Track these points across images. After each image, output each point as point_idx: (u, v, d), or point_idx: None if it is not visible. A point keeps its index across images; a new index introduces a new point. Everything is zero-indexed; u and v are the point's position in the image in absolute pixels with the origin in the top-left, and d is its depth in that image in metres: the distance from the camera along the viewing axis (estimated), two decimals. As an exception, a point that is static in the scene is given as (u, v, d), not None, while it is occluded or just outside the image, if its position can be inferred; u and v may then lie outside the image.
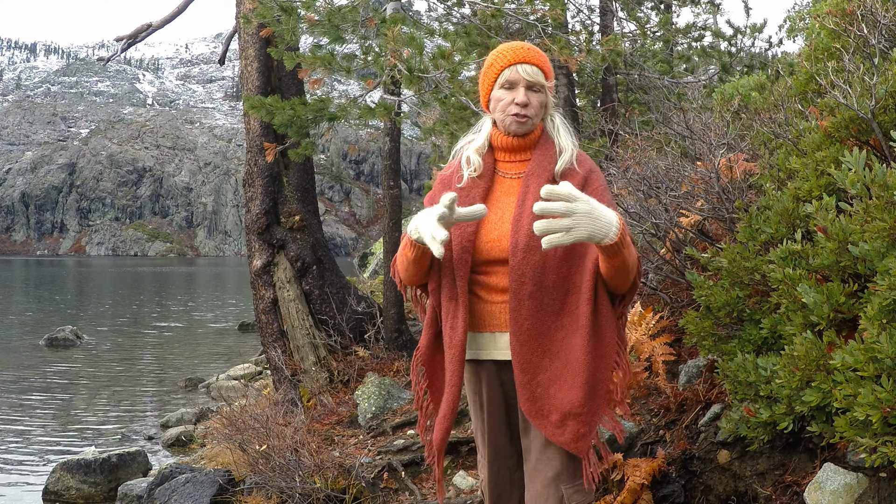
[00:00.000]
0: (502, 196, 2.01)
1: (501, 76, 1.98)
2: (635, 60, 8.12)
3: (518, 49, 1.99)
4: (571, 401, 1.87)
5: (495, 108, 2.02)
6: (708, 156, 3.69)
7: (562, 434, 1.87)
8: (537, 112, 2.00)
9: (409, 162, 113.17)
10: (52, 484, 5.78)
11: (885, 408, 1.83)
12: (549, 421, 1.89)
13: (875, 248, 2.01)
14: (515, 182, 2.02)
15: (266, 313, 6.89)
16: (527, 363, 1.89)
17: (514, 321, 1.89)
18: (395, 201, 7.09)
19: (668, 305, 4.10)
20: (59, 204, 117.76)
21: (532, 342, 1.89)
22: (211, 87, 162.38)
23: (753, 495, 2.83)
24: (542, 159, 2.00)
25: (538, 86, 1.98)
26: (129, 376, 11.39)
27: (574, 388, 1.87)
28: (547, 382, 1.89)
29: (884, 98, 2.58)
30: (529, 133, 2.02)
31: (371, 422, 5.22)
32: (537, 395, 1.89)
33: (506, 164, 2.06)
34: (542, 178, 1.96)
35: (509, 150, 2.04)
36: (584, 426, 1.87)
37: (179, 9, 8.67)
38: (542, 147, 2.02)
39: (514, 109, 1.97)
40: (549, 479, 1.91)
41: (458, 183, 2.03)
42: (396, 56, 5.24)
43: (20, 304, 24.85)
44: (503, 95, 1.99)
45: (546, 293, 1.89)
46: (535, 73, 1.97)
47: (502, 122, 2.01)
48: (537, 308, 1.89)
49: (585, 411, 1.88)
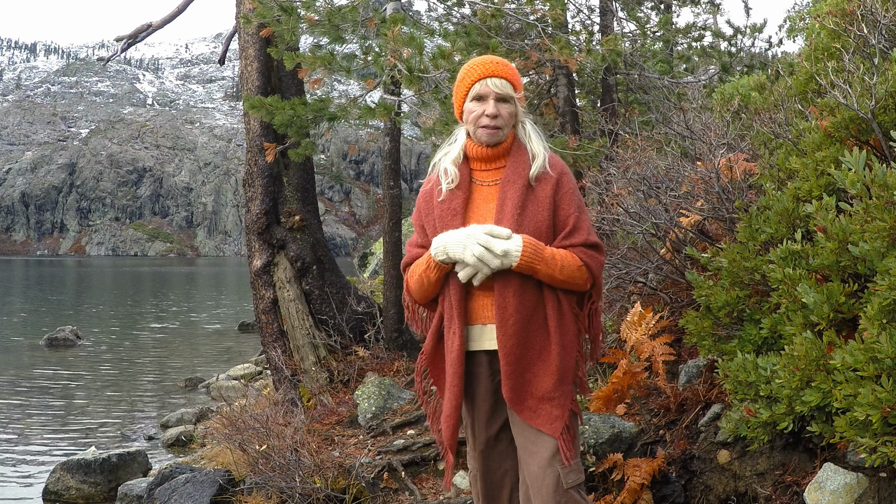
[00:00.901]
0: (482, 203, 2.18)
1: (472, 90, 2.14)
2: (635, 60, 8.11)
3: (487, 63, 2.15)
4: (545, 387, 2.08)
5: (468, 120, 2.18)
6: (708, 156, 3.69)
7: (537, 417, 2.07)
8: (507, 122, 2.16)
9: (409, 162, 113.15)
10: (52, 484, 5.78)
11: (885, 408, 1.83)
12: (526, 405, 2.08)
13: (875, 248, 2.01)
14: (492, 189, 2.18)
15: (266, 313, 6.89)
16: (510, 354, 2.06)
17: (500, 316, 2.07)
18: (395, 201, 7.09)
19: (668, 305, 4.10)
20: (59, 204, 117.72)
21: (516, 335, 2.06)
22: (211, 87, 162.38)
23: (753, 495, 2.83)
24: (515, 166, 2.16)
25: (507, 97, 2.14)
26: (129, 376, 11.39)
27: (546, 375, 2.08)
28: (524, 370, 2.09)
29: (884, 98, 2.58)
30: (501, 143, 2.18)
31: (371, 422, 5.22)
32: (517, 382, 2.08)
33: (481, 172, 2.21)
34: (518, 185, 2.13)
35: (483, 160, 2.20)
36: (556, 409, 2.07)
37: (179, 9, 8.67)
38: (515, 154, 2.18)
39: (485, 121, 2.13)
40: (546, 461, 2.05)
41: (439, 197, 2.19)
42: (396, 56, 5.24)
43: (20, 304, 24.85)
44: (474, 108, 2.14)
45: (527, 290, 2.08)
46: (503, 85, 2.12)
47: (474, 133, 2.18)
48: (520, 303, 2.07)
49: (557, 395, 2.08)
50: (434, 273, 2.13)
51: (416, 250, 2.25)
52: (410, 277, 2.24)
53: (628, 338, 3.70)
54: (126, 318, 20.25)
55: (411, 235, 2.34)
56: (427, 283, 2.17)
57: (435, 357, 2.25)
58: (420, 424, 4.98)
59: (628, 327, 3.74)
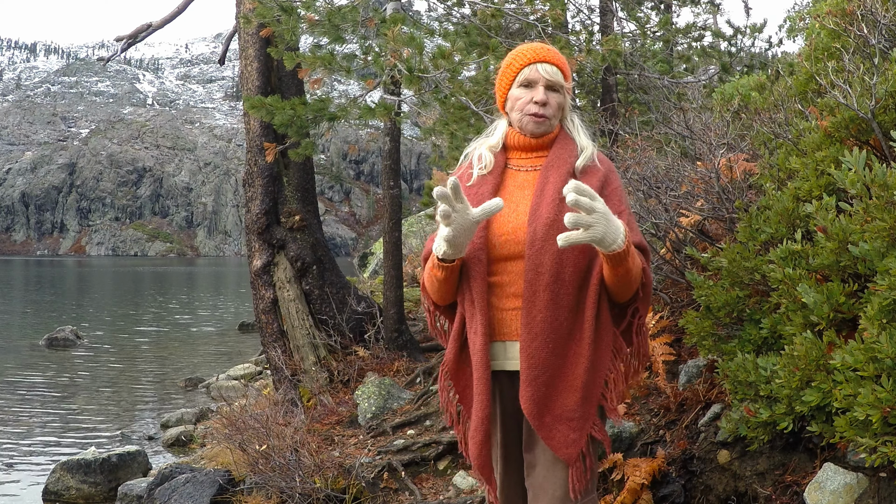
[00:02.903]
0: (515, 190, 1.96)
1: (521, 74, 1.95)
2: (635, 60, 8.11)
3: (538, 49, 1.97)
4: (565, 404, 1.84)
5: (513, 108, 1.99)
6: (708, 156, 3.69)
7: (552, 437, 1.83)
8: (555, 113, 1.97)
9: (409, 162, 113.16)
10: (52, 484, 5.78)
11: (885, 408, 1.83)
12: (543, 422, 1.84)
13: (875, 248, 2.01)
14: (530, 175, 1.98)
15: (266, 313, 6.89)
16: (534, 357, 1.83)
17: (528, 312, 1.83)
18: (395, 201, 7.09)
19: (668, 305, 4.10)
20: (59, 204, 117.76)
21: (542, 336, 1.82)
22: (211, 87, 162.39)
23: (753, 495, 2.83)
24: (561, 152, 1.96)
25: (557, 86, 1.96)
26: (129, 376, 11.39)
27: (570, 391, 1.84)
28: (548, 381, 1.84)
29: (884, 98, 2.58)
30: (547, 133, 1.99)
31: (371, 422, 5.22)
32: (539, 394, 1.84)
33: (519, 160, 2.01)
34: (562, 171, 1.92)
35: (524, 149, 2.01)
36: (574, 432, 1.83)
37: (179, 9, 8.67)
38: (561, 143, 1.99)
39: (533, 108, 1.94)
40: (558, 499, 1.85)
41: (468, 182, 1.99)
42: (396, 56, 5.24)
43: (20, 304, 24.85)
44: (522, 94, 1.96)
45: (562, 286, 1.83)
46: (554, 72, 1.94)
47: (519, 121, 1.98)
48: (552, 300, 1.82)
49: (578, 416, 1.84)
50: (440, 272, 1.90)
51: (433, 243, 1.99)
52: (425, 275, 1.99)
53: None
54: (126, 318, 20.24)
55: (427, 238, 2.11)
56: (438, 283, 1.94)
57: (459, 366, 1.97)
58: (420, 424, 4.99)
59: (628, 327, 3.74)
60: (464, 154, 2.11)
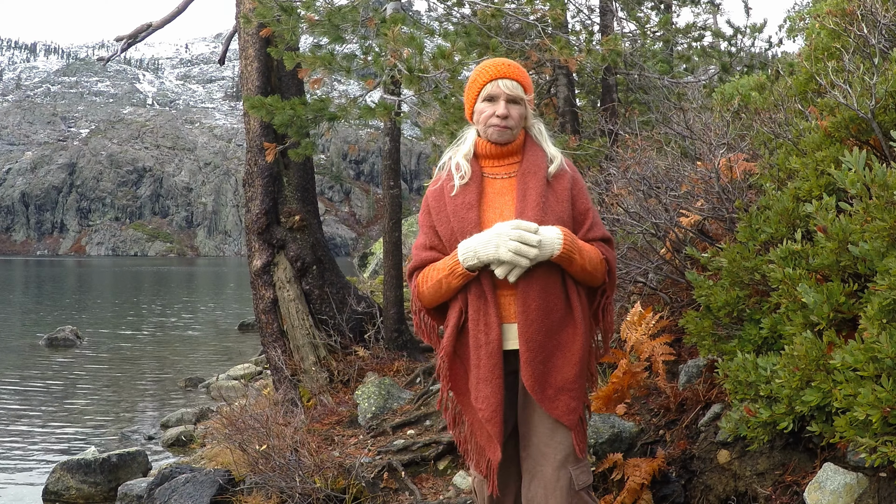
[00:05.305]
0: (496, 196, 2.17)
1: (484, 90, 2.17)
2: (635, 60, 8.12)
3: (499, 65, 2.18)
4: (566, 377, 2.08)
5: (478, 120, 2.20)
6: (708, 156, 3.69)
7: (556, 407, 2.07)
8: (517, 123, 2.18)
9: (409, 162, 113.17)
10: (52, 484, 5.78)
11: (885, 408, 1.83)
12: (546, 395, 2.07)
13: (875, 248, 2.01)
14: (506, 182, 2.19)
15: (266, 313, 6.89)
16: (532, 341, 2.05)
17: (523, 301, 2.05)
18: (395, 201, 7.09)
19: (668, 305, 4.10)
20: (59, 204, 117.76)
21: (538, 321, 2.05)
22: (211, 87, 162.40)
23: (753, 495, 2.83)
24: (533, 159, 2.19)
25: (518, 99, 2.17)
26: (129, 376, 11.39)
27: (568, 365, 2.09)
28: (546, 359, 2.07)
29: (884, 98, 2.58)
30: (511, 142, 2.20)
31: (371, 422, 5.22)
32: (539, 371, 2.06)
33: (492, 168, 2.22)
34: (539, 176, 2.15)
35: (494, 157, 2.21)
36: (573, 400, 2.09)
37: (179, 9, 8.67)
38: (531, 150, 2.21)
39: (495, 121, 2.15)
40: (560, 462, 2.06)
41: (451, 193, 2.17)
42: (396, 56, 5.24)
43: (20, 304, 24.85)
44: (485, 108, 2.17)
45: (551, 287, 2.07)
46: (514, 87, 2.15)
47: (484, 132, 2.19)
48: (543, 290, 2.06)
49: (576, 387, 2.09)
50: (458, 280, 2.08)
51: (425, 254, 2.18)
52: (423, 283, 2.16)
53: (628, 338, 3.70)
54: (126, 318, 20.24)
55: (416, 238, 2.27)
56: (447, 290, 2.11)
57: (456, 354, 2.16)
58: (420, 424, 4.99)
59: (628, 327, 3.74)
60: (439, 165, 2.29)
